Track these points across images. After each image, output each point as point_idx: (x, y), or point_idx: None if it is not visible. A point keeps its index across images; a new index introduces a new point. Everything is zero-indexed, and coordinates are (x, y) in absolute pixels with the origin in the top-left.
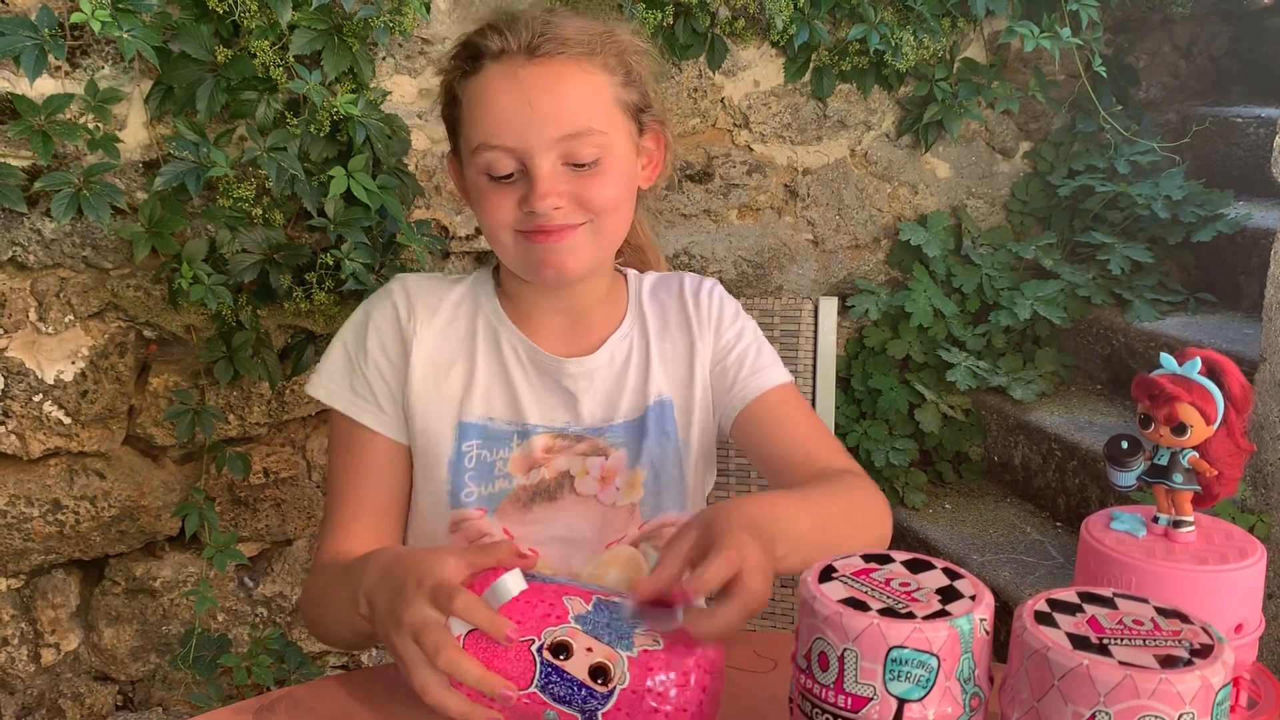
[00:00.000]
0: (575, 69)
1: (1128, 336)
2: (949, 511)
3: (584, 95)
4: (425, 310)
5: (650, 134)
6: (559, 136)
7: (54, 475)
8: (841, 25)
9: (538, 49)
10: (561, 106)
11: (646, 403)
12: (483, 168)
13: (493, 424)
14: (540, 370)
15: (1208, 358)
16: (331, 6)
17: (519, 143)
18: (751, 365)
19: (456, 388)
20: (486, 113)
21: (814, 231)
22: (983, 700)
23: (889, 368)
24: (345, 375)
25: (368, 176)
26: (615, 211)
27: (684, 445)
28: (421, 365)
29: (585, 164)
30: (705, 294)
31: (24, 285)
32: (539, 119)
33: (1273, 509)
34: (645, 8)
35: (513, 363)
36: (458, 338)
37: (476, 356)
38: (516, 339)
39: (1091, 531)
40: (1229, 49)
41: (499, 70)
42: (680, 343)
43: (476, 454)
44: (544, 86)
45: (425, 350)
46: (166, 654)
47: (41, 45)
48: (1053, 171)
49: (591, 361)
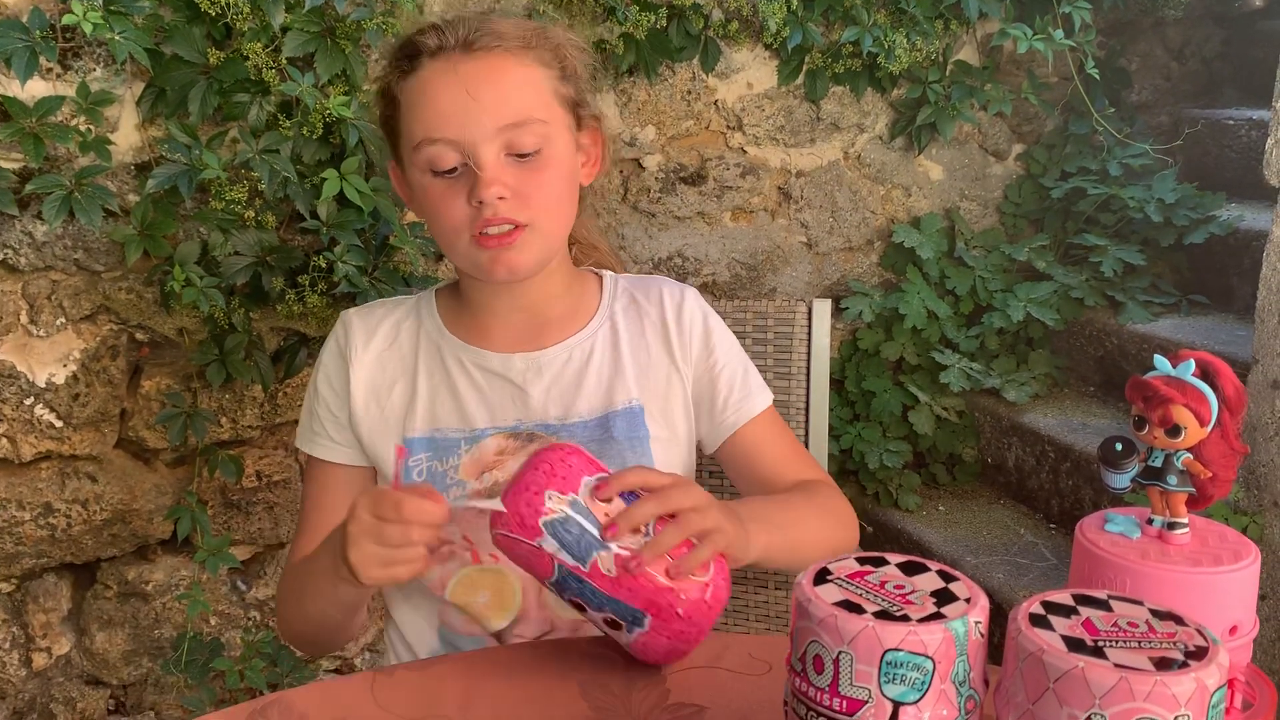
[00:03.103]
0: (512, 61)
1: (1121, 338)
2: (943, 514)
3: (523, 85)
4: (362, 336)
5: (588, 131)
6: (500, 126)
7: (45, 478)
8: (835, 28)
9: (474, 43)
10: (501, 96)
11: (612, 406)
12: (425, 164)
13: (439, 434)
14: (486, 372)
15: (1201, 359)
16: (324, 9)
17: (461, 135)
18: (740, 391)
19: (399, 407)
20: (427, 108)
21: (807, 234)
22: (978, 703)
23: (882, 370)
24: (307, 416)
25: (360, 179)
26: (558, 206)
27: (656, 453)
28: (361, 390)
29: (528, 153)
30: (688, 313)
31: (15, 288)
32: (480, 109)
33: (1266, 510)
34: (638, 10)
35: (457, 372)
36: (399, 358)
37: (418, 374)
38: (459, 348)
39: (1086, 533)
40: (1221, 51)
41: (437, 66)
42: (659, 358)
43: (426, 466)
44: (483, 78)
45: (363, 375)
46: (159, 658)
47: (33, 47)
48: (1045, 174)
49: (541, 357)
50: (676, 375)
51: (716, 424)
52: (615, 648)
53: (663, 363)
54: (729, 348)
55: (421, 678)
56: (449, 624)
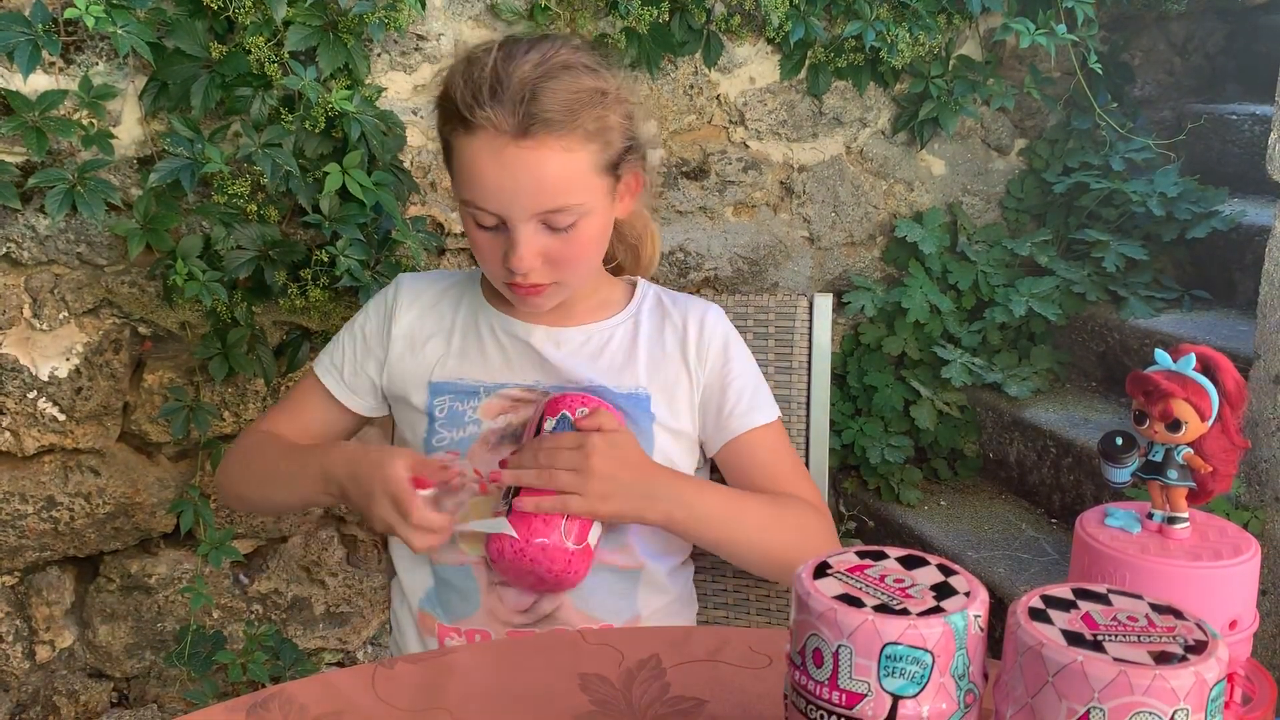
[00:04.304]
0: (558, 148)
1: (1122, 333)
2: (944, 508)
3: (564, 173)
4: (409, 297)
5: (629, 174)
6: (538, 211)
7: (48, 472)
8: (837, 22)
9: (525, 131)
10: (542, 188)
11: (620, 389)
12: (469, 214)
13: (463, 382)
14: (513, 337)
15: (1202, 354)
16: (326, 3)
17: (501, 210)
18: (748, 402)
19: (431, 357)
20: (473, 179)
21: (810, 228)
22: (977, 696)
23: (884, 364)
24: (334, 345)
25: (363, 173)
26: (587, 264)
27: (659, 441)
28: (400, 340)
29: (562, 227)
30: (710, 326)
31: (18, 282)
32: (521, 196)
33: (1268, 506)
34: (640, 4)
35: (487, 336)
36: (438, 318)
37: (453, 333)
38: (494, 317)
39: (1086, 528)
40: (1224, 46)
41: (486, 144)
42: (673, 356)
43: (448, 405)
44: (526, 170)
45: (403, 328)
46: (161, 651)
47: (35, 41)
48: (1048, 168)
49: (561, 333)
50: (687, 376)
51: (720, 427)
52: (616, 640)
53: (675, 362)
54: (745, 364)
55: (422, 670)
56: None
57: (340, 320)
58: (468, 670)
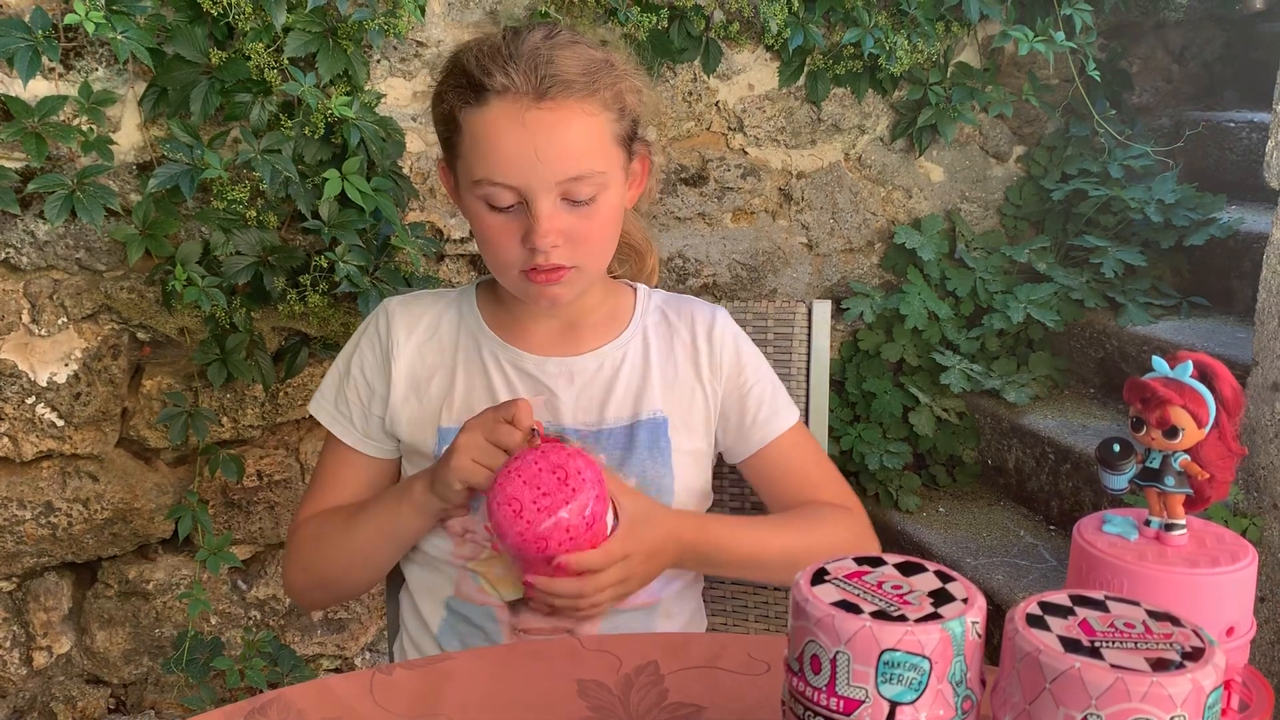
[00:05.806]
0: (578, 111)
1: (1120, 340)
2: (943, 515)
3: (587, 138)
4: (404, 329)
5: (639, 159)
6: (561, 179)
7: (46, 478)
8: (836, 29)
9: (544, 93)
10: (566, 153)
11: (638, 415)
12: (482, 198)
13: None
14: (520, 372)
15: (1199, 361)
16: (326, 9)
17: (522, 183)
18: (769, 409)
19: (436, 399)
20: (491, 151)
21: (808, 235)
22: (975, 703)
23: (883, 371)
24: (333, 391)
25: (362, 179)
26: (606, 246)
27: (677, 466)
28: (402, 381)
29: (582, 200)
30: (719, 333)
31: (17, 287)
32: (543, 163)
33: (1264, 512)
34: (640, 11)
35: (493, 369)
36: (438, 349)
37: (456, 367)
38: (496, 346)
39: (1083, 535)
40: (1222, 54)
41: (504, 110)
42: (685, 373)
43: None
44: (549, 131)
45: (404, 367)
46: (159, 657)
47: (35, 47)
48: (1046, 175)
49: (574, 363)
50: (702, 392)
51: (743, 438)
52: (615, 647)
53: (689, 378)
54: (758, 367)
55: (420, 677)
56: (463, 592)
57: (339, 326)
58: (466, 677)
